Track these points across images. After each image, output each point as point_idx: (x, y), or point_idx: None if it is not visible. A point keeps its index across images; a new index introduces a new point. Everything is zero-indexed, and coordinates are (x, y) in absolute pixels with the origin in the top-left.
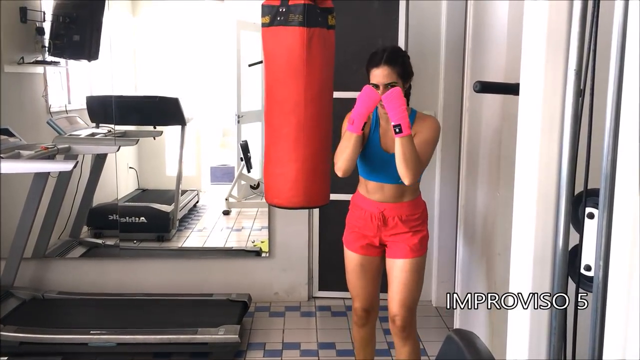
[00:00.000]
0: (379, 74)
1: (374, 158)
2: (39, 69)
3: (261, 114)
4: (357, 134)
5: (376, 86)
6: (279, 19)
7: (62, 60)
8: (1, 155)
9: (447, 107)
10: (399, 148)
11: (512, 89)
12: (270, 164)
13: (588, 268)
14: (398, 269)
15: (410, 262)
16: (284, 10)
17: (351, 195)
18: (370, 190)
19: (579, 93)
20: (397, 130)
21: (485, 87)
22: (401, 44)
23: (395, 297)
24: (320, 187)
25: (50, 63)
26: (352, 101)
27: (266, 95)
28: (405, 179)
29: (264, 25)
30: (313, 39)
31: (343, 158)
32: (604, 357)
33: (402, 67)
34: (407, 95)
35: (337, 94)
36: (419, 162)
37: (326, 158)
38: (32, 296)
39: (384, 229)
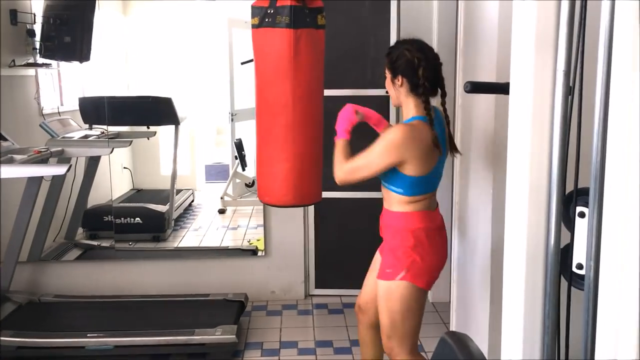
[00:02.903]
0: None
1: None
2: (31, 72)
3: (254, 112)
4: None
5: None
6: (267, 20)
7: (53, 62)
8: None
9: (439, 104)
10: (335, 150)
11: (502, 89)
12: (261, 163)
13: (580, 266)
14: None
15: (381, 284)
16: (271, 12)
17: (345, 192)
18: None
19: (568, 93)
20: (334, 134)
21: (476, 87)
22: (393, 42)
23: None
24: (309, 185)
25: (42, 65)
26: (343, 99)
27: (256, 96)
28: (335, 175)
29: (253, 26)
30: (301, 40)
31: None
32: (596, 356)
33: (388, 59)
34: (416, 87)
35: (329, 92)
36: (344, 166)
37: (316, 157)
38: (28, 300)
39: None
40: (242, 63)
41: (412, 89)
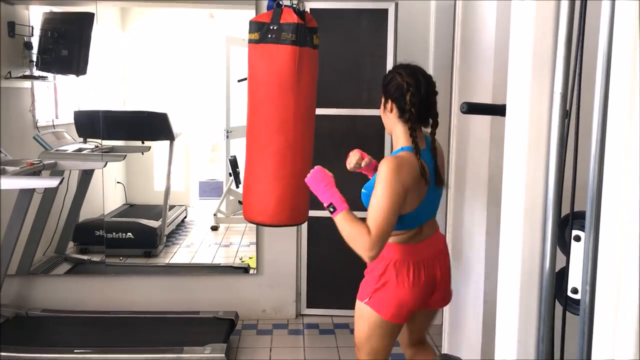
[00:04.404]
0: None
1: None
2: (27, 84)
3: None
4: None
5: None
6: (270, 36)
7: (50, 75)
8: None
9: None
10: (341, 227)
11: (498, 111)
12: (255, 181)
13: (575, 291)
14: None
15: (357, 301)
16: (275, 28)
17: None
18: None
19: (565, 116)
20: (332, 209)
21: (472, 108)
22: (389, 63)
23: None
24: (304, 204)
25: (38, 78)
26: (341, 118)
27: (251, 113)
28: (364, 257)
29: (252, 41)
30: (303, 58)
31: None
32: None
33: (382, 83)
34: (403, 113)
35: (326, 111)
36: (363, 234)
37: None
38: (15, 314)
39: None
40: (239, 80)
41: (400, 115)
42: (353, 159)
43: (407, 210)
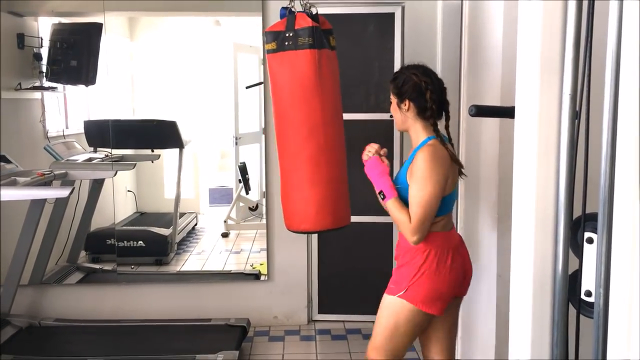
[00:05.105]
0: None
1: None
2: (37, 95)
3: (259, 135)
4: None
5: None
6: (287, 43)
7: (59, 86)
8: None
9: (444, 128)
10: (390, 213)
11: (507, 113)
12: (292, 189)
13: (588, 294)
14: None
15: (384, 297)
16: (291, 34)
17: (354, 216)
18: None
19: (575, 117)
20: (382, 196)
21: (481, 111)
22: (397, 67)
23: None
24: (345, 206)
25: (48, 88)
26: (350, 123)
27: (279, 122)
28: (409, 240)
29: (270, 51)
30: (322, 60)
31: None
32: None
33: (393, 84)
34: (423, 111)
35: None
36: (412, 225)
37: (345, 178)
38: (28, 324)
39: None
40: (247, 87)
41: (419, 113)
42: (372, 149)
43: (446, 192)
